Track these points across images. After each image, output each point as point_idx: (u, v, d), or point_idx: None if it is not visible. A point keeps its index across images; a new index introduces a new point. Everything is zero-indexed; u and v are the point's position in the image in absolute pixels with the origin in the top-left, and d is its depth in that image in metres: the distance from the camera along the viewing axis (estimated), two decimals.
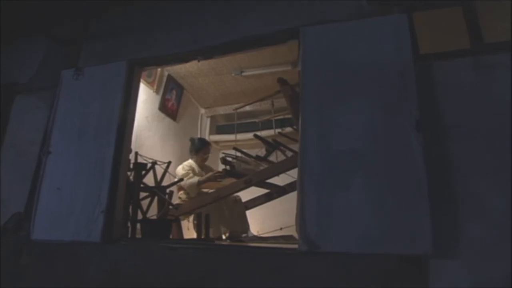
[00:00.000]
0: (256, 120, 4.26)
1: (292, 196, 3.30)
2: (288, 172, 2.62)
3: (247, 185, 2.57)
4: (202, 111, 4.40)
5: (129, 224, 2.20)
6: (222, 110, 4.38)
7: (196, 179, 2.80)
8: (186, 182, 2.80)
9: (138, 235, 2.25)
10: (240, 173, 2.68)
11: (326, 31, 1.88)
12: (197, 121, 4.32)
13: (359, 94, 1.72)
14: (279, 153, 3.19)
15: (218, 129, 4.38)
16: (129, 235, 2.18)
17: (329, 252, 1.56)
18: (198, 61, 2.34)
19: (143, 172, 2.31)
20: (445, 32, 1.76)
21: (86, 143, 2.24)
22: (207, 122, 4.40)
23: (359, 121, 1.67)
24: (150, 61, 2.38)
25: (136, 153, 2.43)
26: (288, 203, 3.78)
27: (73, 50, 2.52)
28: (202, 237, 2.28)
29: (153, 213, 2.52)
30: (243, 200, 3.02)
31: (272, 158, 3.08)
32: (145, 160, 2.44)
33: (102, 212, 2.04)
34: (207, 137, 4.25)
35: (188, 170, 2.92)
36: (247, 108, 4.22)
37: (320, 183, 1.65)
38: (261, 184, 2.73)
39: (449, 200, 1.51)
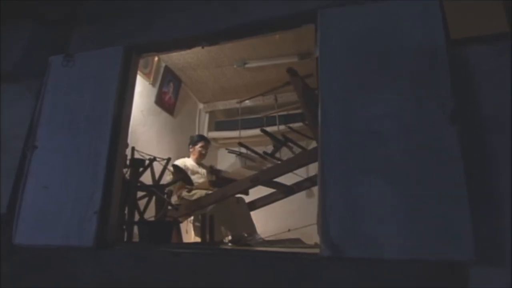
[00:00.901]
0: (258, 115, 4.14)
1: (296, 197, 3.25)
2: (295, 171, 2.53)
3: (253, 184, 2.44)
4: (201, 106, 4.26)
5: (124, 227, 2.04)
6: (221, 105, 4.24)
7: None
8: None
9: (135, 239, 2.10)
10: (228, 178, 2.56)
11: (348, 14, 1.75)
12: (195, 116, 4.18)
13: (385, 82, 1.59)
14: (283, 151, 3.10)
15: (217, 126, 4.24)
16: (125, 239, 2.02)
17: (355, 258, 1.43)
18: (202, 47, 2.19)
19: (141, 169, 2.15)
20: (478, 15, 1.64)
21: (77, 136, 2.07)
22: (205, 118, 4.26)
23: (387, 112, 1.55)
24: (149, 47, 2.23)
25: (133, 149, 2.27)
26: (292, 204, 3.71)
27: (62, 34, 2.35)
28: (205, 240, 2.14)
29: (150, 214, 2.37)
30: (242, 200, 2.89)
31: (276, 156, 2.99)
32: (142, 156, 2.29)
33: (95, 213, 1.88)
34: (205, 133, 4.11)
35: (170, 168, 2.76)
36: (248, 103, 4.10)
37: (343, 180, 1.52)
38: (268, 183, 2.60)
39: (490, 201, 1.39)
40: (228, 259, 1.64)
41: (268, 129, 3.91)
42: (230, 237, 2.60)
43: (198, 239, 2.87)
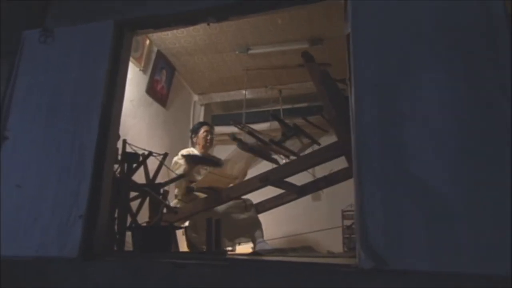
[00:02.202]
0: (260, 109, 3.96)
1: (301, 200, 3.08)
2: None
3: (263, 184, 2.26)
4: (195, 98, 4.06)
5: (116, 233, 1.83)
6: (218, 97, 4.05)
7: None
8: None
9: (127, 248, 1.89)
10: (258, 150, 2.36)
11: None
12: (189, 109, 3.98)
13: (433, 63, 1.43)
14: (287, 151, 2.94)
15: (214, 120, 4.04)
16: (116, 248, 1.81)
17: (402, 271, 1.26)
18: (208, 24, 1.99)
19: (134, 165, 1.94)
20: None
21: (58, 126, 1.85)
22: (201, 111, 4.07)
23: (435, 97, 1.39)
24: (145, 23, 2.01)
25: (124, 142, 2.06)
26: (296, 208, 3.55)
27: (39, 5, 2.10)
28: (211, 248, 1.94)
29: (143, 218, 2.17)
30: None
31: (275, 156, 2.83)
32: (134, 150, 2.08)
33: (80, 216, 1.67)
34: None
35: (179, 160, 2.66)
36: (248, 95, 3.92)
37: (385, 181, 1.35)
38: (278, 183, 2.42)
39: None
40: (245, 271, 1.44)
41: (270, 124, 3.81)
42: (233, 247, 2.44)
43: None
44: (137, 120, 2.98)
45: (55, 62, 1.98)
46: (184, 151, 2.84)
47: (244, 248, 2.99)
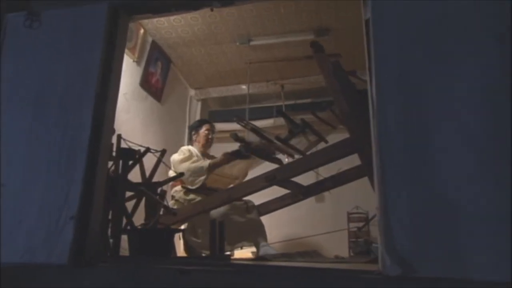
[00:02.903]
0: (260, 105, 3.88)
1: (303, 201, 3.02)
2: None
3: (269, 183, 2.17)
4: (192, 92, 3.97)
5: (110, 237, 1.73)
6: (216, 92, 3.97)
7: (206, 162, 2.49)
8: (189, 165, 2.48)
9: (123, 252, 1.79)
10: (261, 149, 2.28)
11: None
12: (185, 104, 3.89)
13: (464, 53, 1.35)
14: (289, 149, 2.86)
15: (211, 116, 3.95)
16: (110, 253, 1.71)
17: (434, 278, 1.19)
18: (211, 9, 1.91)
19: (130, 162, 1.84)
20: None
21: (47, 119, 1.74)
22: (197, 107, 3.98)
23: (465, 90, 1.32)
24: (143, 6, 1.91)
25: (119, 137, 1.96)
26: (298, 210, 3.46)
27: None
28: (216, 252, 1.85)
29: (138, 220, 2.07)
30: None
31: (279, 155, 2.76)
32: (129, 146, 1.98)
33: (71, 218, 1.56)
34: None
35: (188, 153, 2.64)
36: (243, 91, 3.84)
37: (411, 176, 1.28)
38: (285, 182, 2.34)
39: None
40: (255, 278, 1.35)
41: (270, 121, 3.73)
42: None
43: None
44: (131, 115, 2.87)
45: (43, 49, 1.87)
46: (185, 148, 2.78)
47: (242, 252, 2.91)
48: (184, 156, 2.64)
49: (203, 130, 2.85)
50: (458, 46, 1.36)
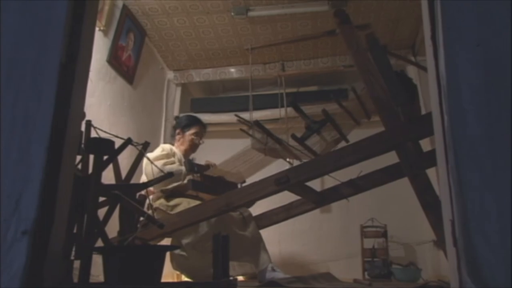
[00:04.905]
0: (254, 93, 3.70)
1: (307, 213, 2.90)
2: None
3: (280, 187, 2.01)
4: (170, 75, 3.78)
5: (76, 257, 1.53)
6: (199, 75, 3.78)
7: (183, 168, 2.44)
8: (167, 166, 2.40)
9: (96, 276, 1.58)
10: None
11: None
12: (162, 89, 3.70)
13: None
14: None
15: (194, 105, 3.79)
16: (78, 279, 1.50)
17: None
18: None
19: (105, 157, 1.63)
20: None
21: None
22: (176, 93, 3.77)
23: None
24: None
25: (89, 124, 1.75)
26: (300, 222, 3.36)
27: None
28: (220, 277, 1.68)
29: (112, 232, 1.87)
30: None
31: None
32: (100, 136, 1.77)
33: (24, 233, 1.32)
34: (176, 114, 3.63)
35: (168, 153, 2.56)
36: (235, 74, 3.69)
37: (499, 173, 1.15)
38: (298, 187, 2.18)
39: None
40: None
41: (266, 113, 3.57)
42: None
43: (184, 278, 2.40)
44: (96, 99, 2.64)
45: None
46: (164, 146, 2.67)
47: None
48: (165, 153, 2.54)
49: (190, 133, 2.72)
50: None
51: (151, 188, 2.39)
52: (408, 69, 3.32)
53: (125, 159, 2.45)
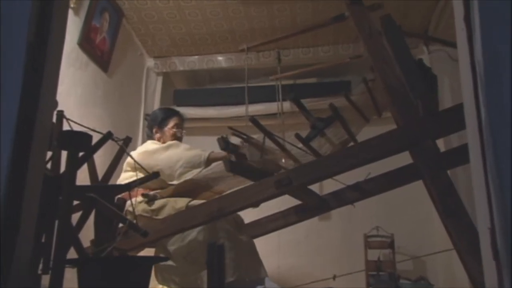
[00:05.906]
0: (242, 84, 3.64)
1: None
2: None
3: (281, 190, 1.97)
4: (150, 62, 3.75)
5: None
6: (184, 64, 3.78)
7: (205, 152, 2.47)
8: (183, 152, 2.46)
9: None
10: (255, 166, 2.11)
11: None
12: (141, 79, 3.66)
13: None
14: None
15: (177, 97, 3.78)
16: None
17: None
18: None
19: (80, 154, 1.57)
20: None
21: None
22: (157, 84, 3.76)
23: None
24: None
25: (61, 115, 1.69)
26: (296, 231, 3.33)
27: None
28: None
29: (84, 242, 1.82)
30: None
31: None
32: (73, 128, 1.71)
33: None
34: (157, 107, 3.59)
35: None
36: (223, 63, 3.67)
37: None
38: (299, 190, 2.14)
39: None
40: None
41: (259, 107, 3.54)
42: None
43: None
44: (66, 87, 2.58)
45: None
46: (142, 148, 2.61)
47: None
48: (163, 146, 2.54)
49: (169, 127, 2.67)
50: None
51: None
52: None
53: (98, 158, 2.38)
